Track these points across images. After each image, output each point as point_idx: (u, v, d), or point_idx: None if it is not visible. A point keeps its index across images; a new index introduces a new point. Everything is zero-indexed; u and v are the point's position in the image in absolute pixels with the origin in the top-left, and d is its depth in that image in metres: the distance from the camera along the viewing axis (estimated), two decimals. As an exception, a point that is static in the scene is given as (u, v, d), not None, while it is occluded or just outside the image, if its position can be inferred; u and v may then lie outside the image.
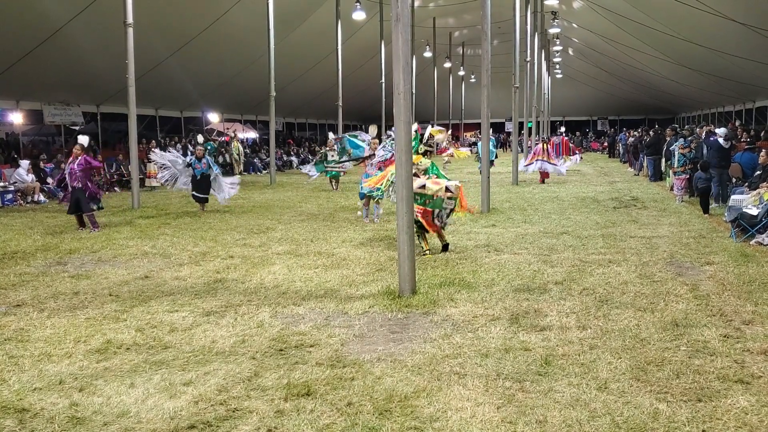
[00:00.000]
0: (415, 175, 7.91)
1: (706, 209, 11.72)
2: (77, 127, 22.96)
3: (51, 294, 6.74)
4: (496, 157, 25.14)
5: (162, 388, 4.21)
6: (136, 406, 3.96)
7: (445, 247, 8.63)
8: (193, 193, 13.13)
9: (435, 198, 8.44)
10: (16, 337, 5.31)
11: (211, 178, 13.10)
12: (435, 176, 8.88)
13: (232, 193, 13.54)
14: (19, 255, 8.94)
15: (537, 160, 19.50)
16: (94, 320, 5.76)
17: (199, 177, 12.93)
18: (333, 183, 17.96)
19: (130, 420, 3.79)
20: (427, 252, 8.41)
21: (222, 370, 4.50)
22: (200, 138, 14.53)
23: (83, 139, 11.39)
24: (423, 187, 8.36)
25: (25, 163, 16.85)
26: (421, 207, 8.26)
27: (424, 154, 9.03)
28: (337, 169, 17.27)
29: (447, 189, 8.47)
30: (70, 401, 4.03)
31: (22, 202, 15.73)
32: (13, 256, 8.88)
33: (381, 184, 9.18)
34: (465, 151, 19.82)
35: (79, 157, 10.95)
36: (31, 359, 4.79)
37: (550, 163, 19.28)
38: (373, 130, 13.75)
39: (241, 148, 24.60)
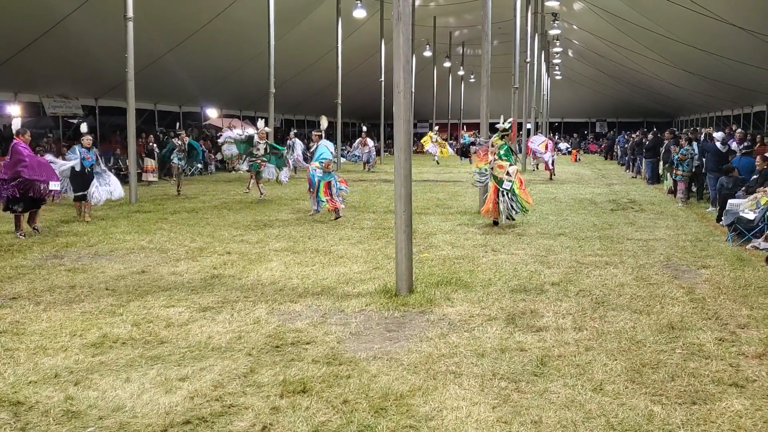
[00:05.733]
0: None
1: (720, 218, 10.92)
2: (76, 120, 22.93)
3: (47, 287, 6.73)
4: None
5: (157, 383, 4.21)
6: (131, 400, 3.96)
7: (495, 223, 10.72)
8: (76, 194, 11.19)
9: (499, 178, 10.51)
10: (11, 330, 5.30)
11: (94, 171, 11.38)
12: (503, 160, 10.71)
13: (113, 195, 11.65)
14: (16, 247, 8.92)
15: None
16: (90, 314, 5.76)
17: (83, 170, 11.17)
18: (253, 180, 14.60)
19: (125, 414, 3.78)
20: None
21: (218, 366, 4.50)
22: (84, 127, 12.11)
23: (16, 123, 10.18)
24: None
25: None
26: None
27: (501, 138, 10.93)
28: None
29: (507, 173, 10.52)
30: (66, 395, 4.03)
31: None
32: (9, 248, 8.86)
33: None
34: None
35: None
36: (27, 352, 4.78)
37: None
38: (324, 122, 13.11)
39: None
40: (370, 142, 26.29)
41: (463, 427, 3.64)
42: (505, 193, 10.47)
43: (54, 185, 9.97)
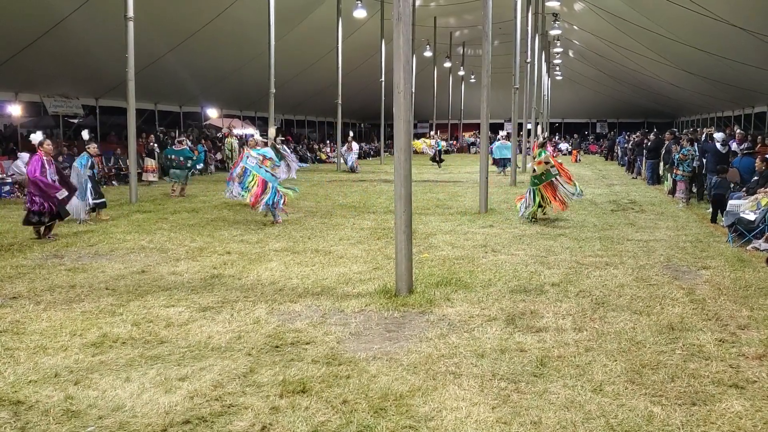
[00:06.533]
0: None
1: (713, 218, 11.19)
2: (77, 120, 22.97)
3: (47, 287, 6.73)
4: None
5: (157, 383, 4.20)
6: (131, 400, 3.96)
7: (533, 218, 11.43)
8: (98, 200, 11.17)
9: (546, 171, 11.30)
10: (11, 330, 5.30)
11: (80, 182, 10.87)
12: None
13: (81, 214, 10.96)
14: (16, 247, 8.92)
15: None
16: (90, 314, 5.76)
17: (93, 177, 11.35)
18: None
19: (125, 414, 3.78)
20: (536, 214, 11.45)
21: (217, 366, 4.50)
22: (86, 134, 12.13)
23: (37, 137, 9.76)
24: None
25: (24, 155, 16.78)
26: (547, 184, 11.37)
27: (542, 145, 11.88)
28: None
29: (545, 162, 11.33)
30: (65, 394, 4.03)
31: (19, 194, 15.69)
32: (10, 248, 8.87)
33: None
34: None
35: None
36: (27, 352, 4.78)
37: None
38: (272, 131, 12.64)
39: (235, 145, 24.11)
40: (355, 146, 26.27)
41: (462, 427, 3.64)
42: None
43: (60, 193, 9.62)
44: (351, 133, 27.40)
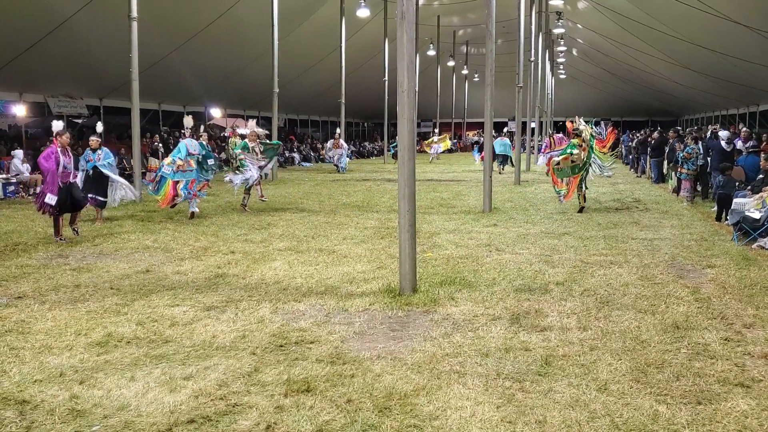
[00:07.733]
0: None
1: (718, 217, 11.12)
2: (81, 120, 23.03)
3: (52, 286, 6.74)
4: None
5: (162, 382, 4.21)
6: (136, 399, 3.96)
7: (582, 210, 12.32)
8: (90, 196, 10.76)
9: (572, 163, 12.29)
10: (17, 329, 5.32)
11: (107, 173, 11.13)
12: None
13: (127, 195, 11.62)
14: (21, 247, 8.95)
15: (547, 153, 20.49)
16: (95, 313, 5.77)
17: (92, 172, 10.99)
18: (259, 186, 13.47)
19: (130, 413, 3.79)
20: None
21: (222, 365, 4.50)
22: (100, 126, 12.20)
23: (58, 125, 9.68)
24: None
25: (19, 153, 16.72)
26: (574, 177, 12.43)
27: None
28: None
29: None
30: (71, 394, 4.04)
31: (23, 194, 15.75)
32: (15, 248, 8.89)
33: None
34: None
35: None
36: (32, 351, 4.79)
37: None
38: (188, 121, 12.44)
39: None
40: (343, 144, 26.13)
41: (467, 426, 3.63)
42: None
43: (50, 198, 9.14)
44: (338, 130, 27.01)
